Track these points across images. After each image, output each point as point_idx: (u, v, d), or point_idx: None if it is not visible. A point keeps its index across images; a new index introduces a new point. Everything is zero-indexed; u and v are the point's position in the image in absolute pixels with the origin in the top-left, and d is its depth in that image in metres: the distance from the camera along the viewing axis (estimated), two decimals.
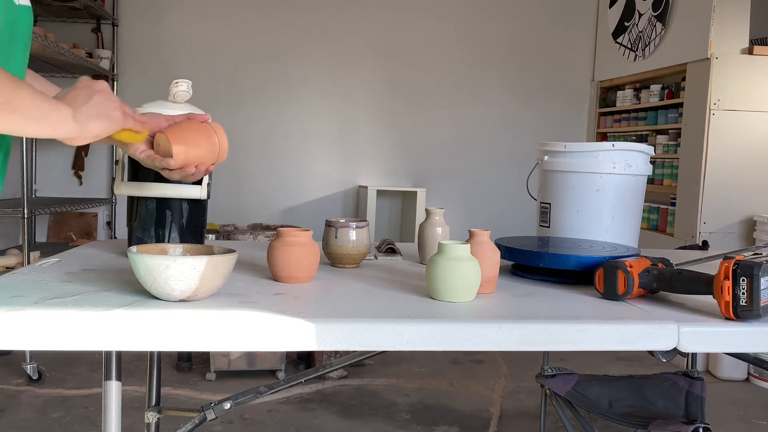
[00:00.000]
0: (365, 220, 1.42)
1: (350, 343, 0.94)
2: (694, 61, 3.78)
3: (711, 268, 1.16)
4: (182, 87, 1.30)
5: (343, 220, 1.40)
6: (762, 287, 1.01)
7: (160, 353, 1.70)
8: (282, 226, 2.63)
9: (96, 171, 4.65)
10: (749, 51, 3.67)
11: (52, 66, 4.14)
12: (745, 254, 1.09)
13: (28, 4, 1.07)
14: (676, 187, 3.93)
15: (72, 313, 0.91)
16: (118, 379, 1.18)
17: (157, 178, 1.30)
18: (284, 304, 1.03)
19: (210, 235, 3.43)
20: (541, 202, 1.81)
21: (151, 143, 1.14)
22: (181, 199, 1.32)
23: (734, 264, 1.03)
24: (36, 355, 3.19)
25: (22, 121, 0.90)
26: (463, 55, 4.89)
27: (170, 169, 1.12)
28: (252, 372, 3.31)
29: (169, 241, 1.32)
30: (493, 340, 0.97)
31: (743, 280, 1.02)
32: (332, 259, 1.40)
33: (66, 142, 0.97)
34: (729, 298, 1.03)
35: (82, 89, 0.98)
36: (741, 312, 1.03)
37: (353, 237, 1.38)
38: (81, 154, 4.60)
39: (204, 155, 1.13)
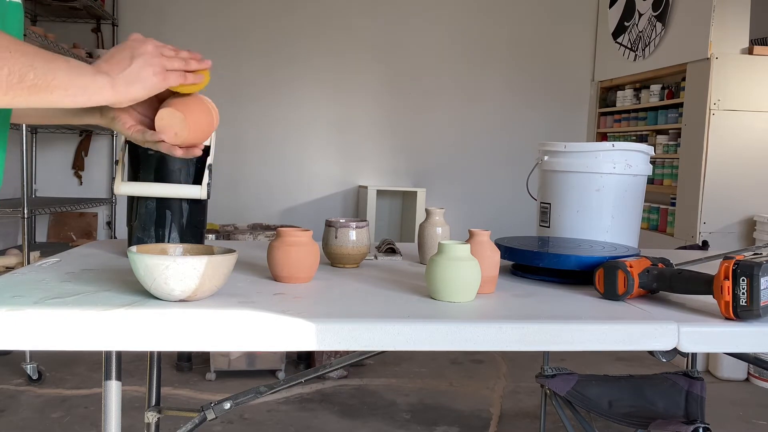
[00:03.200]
0: (365, 220, 1.42)
1: (350, 343, 0.94)
2: (694, 61, 3.78)
3: (711, 268, 1.16)
4: None
5: (343, 220, 1.40)
6: (762, 287, 1.01)
7: (160, 353, 1.70)
8: (282, 226, 2.63)
9: (96, 171, 4.65)
10: (749, 51, 3.67)
11: None
12: (745, 254, 1.09)
13: (19, 0, 1.06)
14: (676, 187, 3.93)
15: (72, 313, 0.91)
16: (118, 379, 1.18)
17: (157, 178, 1.30)
18: (284, 304, 1.03)
19: (210, 235, 3.43)
20: (541, 202, 1.81)
21: (140, 120, 1.09)
22: (181, 199, 1.32)
23: (734, 264, 1.03)
24: (36, 355, 3.19)
25: (60, 97, 0.90)
26: (463, 55, 4.89)
27: (167, 145, 1.07)
28: (252, 372, 3.31)
29: (169, 241, 1.32)
30: (493, 340, 0.97)
31: (743, 280, 1.01)
32: (332, 259, 1.40)
33: (108, 105, 0.98)
34: (729, 298, 1.03)
35: (124, 50, 0.98)
36: (741, 312, 1.03)
37: (353, 237, 1.38)
38: (81, 154, 4.60)
39: (205, 129, 1.10)
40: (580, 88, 5.06)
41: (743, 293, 1.02)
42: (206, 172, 1.31)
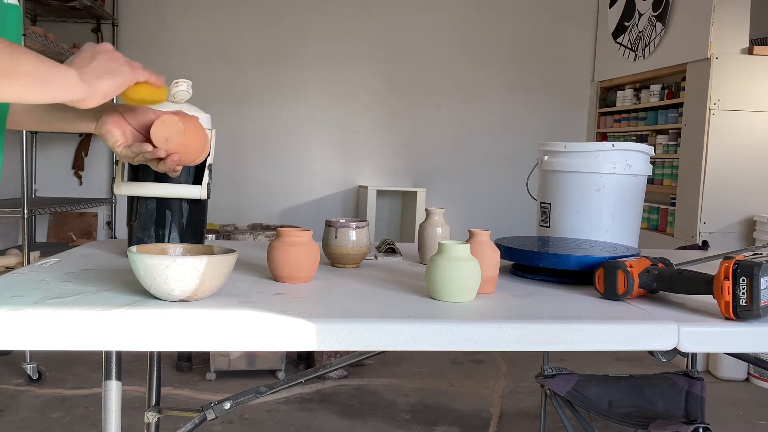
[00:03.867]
0: (365, 220, 1.41)
1: (350, 343, 0.94)
2: (694, 61, 3.78)
3: (711, 268, 1.16)
4: (182, 87, 1.30)
5: (343, 220, 1.40)
6: (762, 287, 1.01)
7: (160, 353, 1.70)
8: (282, 226, 2.63)
9: (96, 171, 4.65)
10: (749, 51, 3.67)
11: None
12: (745, 254, 1.09)
13: (17, 3, 1.06)
14: (676, 187, 3.93)
15: (72, 313, 0.91)
16: (118, 379, 1.18)
17: (157, 178, 1.30)
18: (284, 304, 1.03)
19: (210, 235, 3.43)
20: (541, 202, 1.81)
21: (133, 138, 1.10)
22: (181, 199, 1.32)
23: (734, 264, 1.03)
24: (36, 355, 3.19)
25: (27, 86, 0.87)
26: (464, 55, 4.89)
27: (159, 158, 1.08)
28: (252, 372, 3.31)
29: (169, 241, 1.32)
30: (493, 340, 0.97)
31: (743, 280, 1.01)
32: (332, 259, 1.40)
33: (77, 106, 0.95)
34: (729, 298, 1.03)
35: (84, 52, 0.97)
36: (741, 312, 1.03)
37: (353, 237, 1.38)
38: (81, 154, 4.60)
39: (196, 147, 1.12)
40: (580, 88, 5.06)
41: (743, 293, 1.02)
42: (206, 172, 1.31)
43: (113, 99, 1.01)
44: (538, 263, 1.32)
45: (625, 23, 4.59)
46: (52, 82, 0.90)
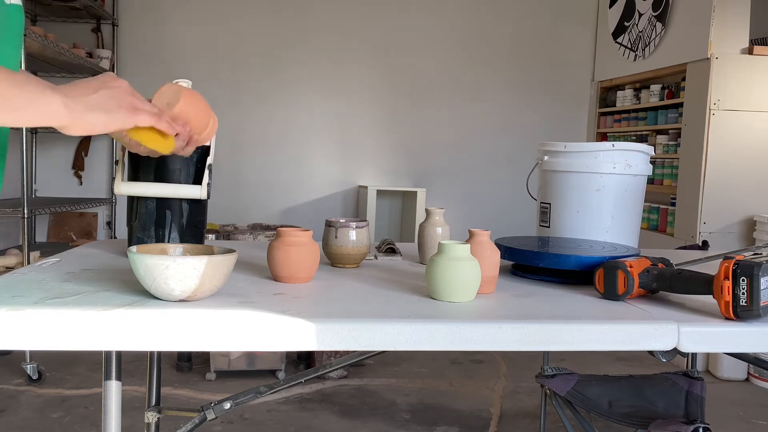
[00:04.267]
0: (365, 220, 1.42)
1: (350, 343, 0.94)
2: (694, 61, 3.78)
3: (711, 268, 1.16)
4: None
5: (343, 220, 1.40)
6: (762, 287, 1.01)
7: (160, 353, 1.70)
8: (282, 226, 2.63)
9: (96, 171, 4.65)
10: (749, 51, 3.67)
11: (52, 66, 4.14)
12: (745, 254, 1.09)
13: (19, 3, 1.06)
14: (676, 187, 3.93)
15: (72, 313, 0.91)
16: (118, 379, 1.18)
17: (157, 178, 1.30)
18: (284, 304, 1.03)
19: (210, 235, 3.43)
20: (541, 202, 1.81)
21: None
22: (181, 199, 1.32)
23: (734, 264, 1.03)
24: (36, 355, 3.19)
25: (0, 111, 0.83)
26: (464, 55, 4.89)
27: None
28: (252, 372, 3.31)
29: (169, 241, 1.32)
30: (493, 340, 0.97)
31: (743, 280, 1.01)
32: (332, 259, 1.40)
33: (61, 131, 0.91)
34: (729, 298, 1.03)
35: (92, 81, 0.93)
36: (741, 312, 1.03)
37: (353, 237, 1.38)
38: (81, 154, 4.60)
39: (200, 113, 1.10)
40: (580, 88, 5.06)
41: (743, 293, 1.02)
42: (206, 172, 1.31)
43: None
44: (538, 263, 1.32)
45: (625, 23, 4.59)
46: (28, 106, 0.85)
